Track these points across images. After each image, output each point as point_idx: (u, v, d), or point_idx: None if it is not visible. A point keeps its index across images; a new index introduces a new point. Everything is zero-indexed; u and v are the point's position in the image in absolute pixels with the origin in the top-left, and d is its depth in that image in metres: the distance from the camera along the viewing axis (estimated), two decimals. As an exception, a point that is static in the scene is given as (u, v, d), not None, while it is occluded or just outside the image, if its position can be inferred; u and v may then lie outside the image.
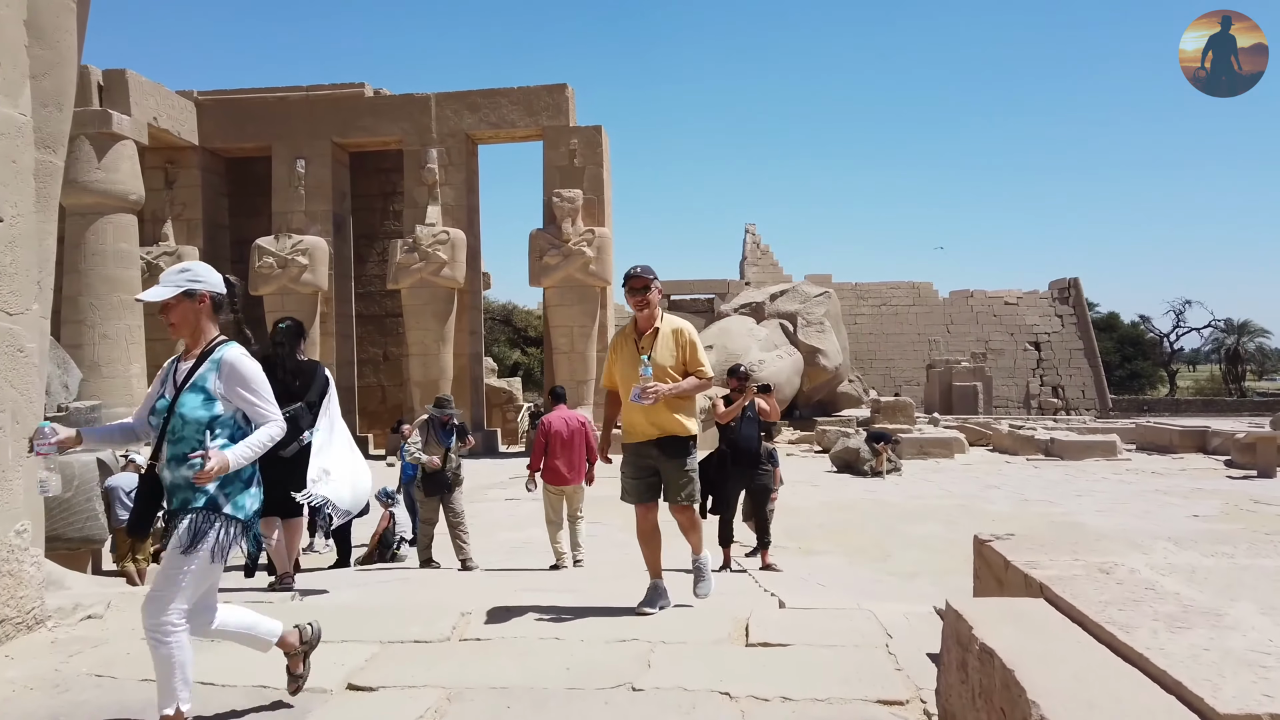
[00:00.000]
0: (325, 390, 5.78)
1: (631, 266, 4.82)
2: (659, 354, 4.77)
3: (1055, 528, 11.34)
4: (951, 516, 12.46)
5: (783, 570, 7.48)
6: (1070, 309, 49.39)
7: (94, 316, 21.01)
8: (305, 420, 5.61)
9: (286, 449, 5.48)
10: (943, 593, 8.34)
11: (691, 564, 5.15)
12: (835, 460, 18.82)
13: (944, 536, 10.90)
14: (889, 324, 49.79)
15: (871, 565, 9.31)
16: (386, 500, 9.15)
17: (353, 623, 4.24)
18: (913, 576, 8.73)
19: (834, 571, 8.32)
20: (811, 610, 3.95)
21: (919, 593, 8.18)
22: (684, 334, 4.87)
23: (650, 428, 4.86)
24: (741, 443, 7.90)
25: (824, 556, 9.78)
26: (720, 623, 3.99)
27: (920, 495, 14.88)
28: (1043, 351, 47.78)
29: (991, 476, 17.44)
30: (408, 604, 5.21)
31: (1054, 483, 16.27)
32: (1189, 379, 65.26)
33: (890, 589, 7.22)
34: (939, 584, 8.29)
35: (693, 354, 4.86)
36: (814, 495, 15.03)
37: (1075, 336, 48.50)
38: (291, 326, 5.94)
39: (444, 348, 23.68)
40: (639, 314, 4.84)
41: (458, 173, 24.29)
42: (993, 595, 2.64)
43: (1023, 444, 22.44)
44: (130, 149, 21.66)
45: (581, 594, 5.46)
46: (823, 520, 12.32)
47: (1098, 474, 17.59)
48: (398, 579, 6.65)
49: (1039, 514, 12.53)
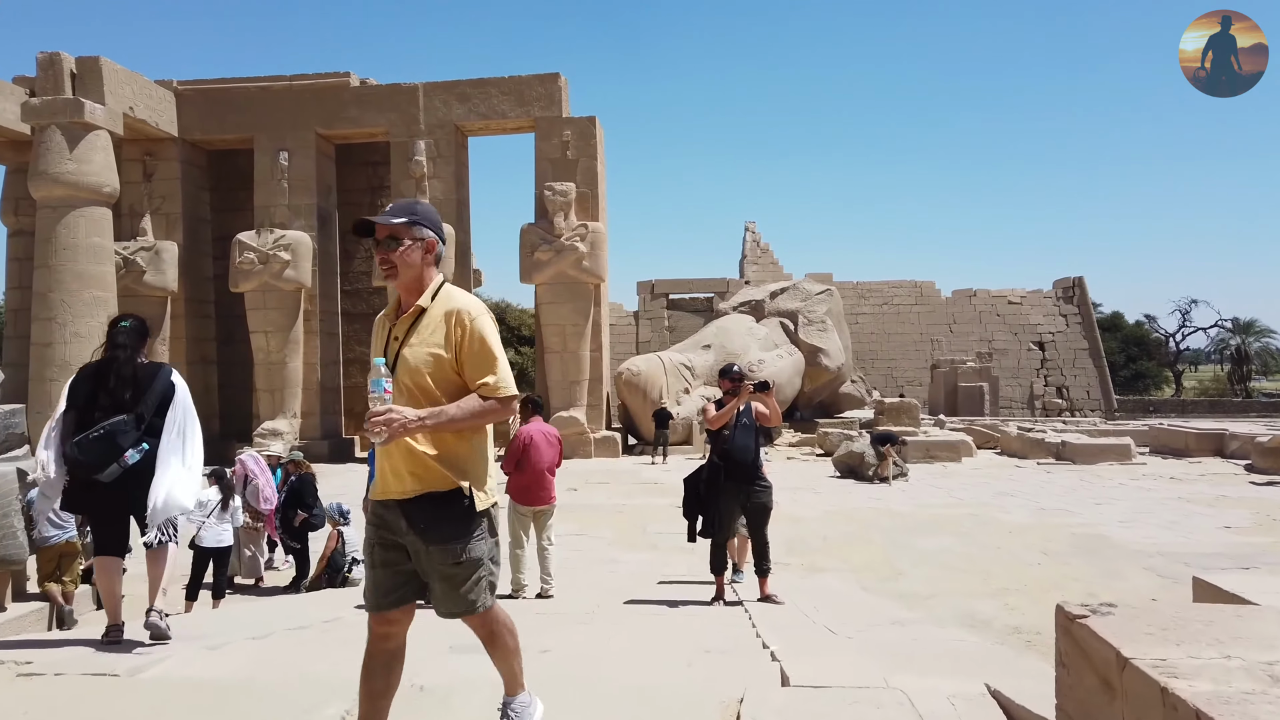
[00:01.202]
0: (167, 400, 4.76)
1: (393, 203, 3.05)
2: (413, 351, 2.83)
3: (1079, 541, 10.49)
4: (964, 527, 11.61)
5: (784, 603, 6.61)
6: (1075, 308, 48.75)
7: (65, 314, 20.14)
8: (127, 438, 4.56)
9: (105, 472, 4.50)
10: (964, 622, 7.53)
11: (501, 709, 3.01)
12: (838, 465, 17.98)
13: (958, 551, 10.05)
14: (891, 323, 49.04)
15: (882, 585, 8.47)
16: (338, 518, 8.29)
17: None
18: (928, 599, 7.89)
19: (842, 600, 7.46)
20: (825, 691, 2.99)
21: (932, 615, 7.34)
22: (466, 321, 2.84)
23: (394, 478, 2.84)
24: (736, 453, 6.84)
25: (828, 575, 8.93)
26: (704, 711, 3.03)
27: (929, 503, 14.04)
28: (1047, 352, 47.01)
29: (1003, 482, 16.60)
30: (287, 680, 3.79)
31: (1069, 489, 15.43)
32: (1192, 379, 64.43)
33: (921, 645, 6.36)
34: (959, 611, 7.45)
35: (478, 354, 2.84)
36: (816, 503, 14.19)
37: (1080, 336, 47.87)
38: (133, 326, 4.82)
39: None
40: (391, 282, 2.94)
41: (446, 165, 23.44)
42: (1098, 701, 1.81)
43: (1032, 447, 21.61)
44: (104, 139, 20.80)
45: (527, 657, 4.48)
46: (826, 532, 11.47)
47: (1113, 479, 16.74)
48: (318, 626, 5.67)
49: (1059, 525, 11.68)
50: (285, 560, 9.20)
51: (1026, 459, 21.21)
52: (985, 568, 9.15)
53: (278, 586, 8.90)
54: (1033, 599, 7.92)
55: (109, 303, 21.07)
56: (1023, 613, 7.51)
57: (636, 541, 10.75)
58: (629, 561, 9.65)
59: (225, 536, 7.68)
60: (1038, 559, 9.60)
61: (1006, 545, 10.32)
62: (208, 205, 25.03)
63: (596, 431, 22.78)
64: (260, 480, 8.85)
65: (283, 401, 23.10)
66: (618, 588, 7.50)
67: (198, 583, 7.56)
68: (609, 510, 13.12)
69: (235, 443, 23.08)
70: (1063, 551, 9.95)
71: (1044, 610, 7.56)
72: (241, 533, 8.67)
